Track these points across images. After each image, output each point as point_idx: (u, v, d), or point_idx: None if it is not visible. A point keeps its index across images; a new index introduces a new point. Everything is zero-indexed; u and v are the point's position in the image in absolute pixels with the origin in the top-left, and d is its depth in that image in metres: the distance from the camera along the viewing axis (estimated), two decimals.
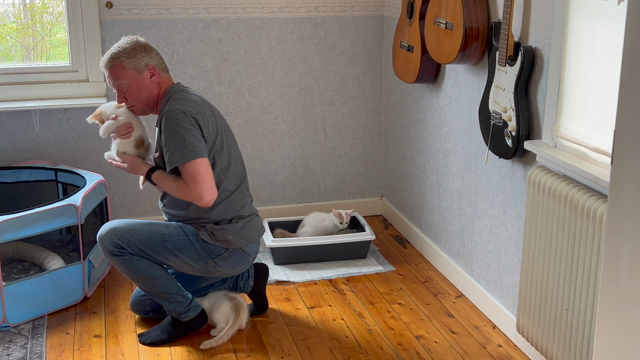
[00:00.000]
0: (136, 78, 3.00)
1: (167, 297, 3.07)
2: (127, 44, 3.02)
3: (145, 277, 3.03)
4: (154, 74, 3.03)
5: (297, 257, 3.86)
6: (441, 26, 3.30)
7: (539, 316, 2.79)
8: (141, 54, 3.01)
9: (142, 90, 3.03)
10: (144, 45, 3.04)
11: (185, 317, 3.12)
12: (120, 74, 3.00)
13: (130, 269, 3.01)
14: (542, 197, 2.70)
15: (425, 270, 3.84)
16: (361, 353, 3.08)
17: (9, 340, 3.14)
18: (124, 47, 3.01)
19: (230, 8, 4.10)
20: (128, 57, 2.99)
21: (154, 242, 3.00)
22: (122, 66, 2.99)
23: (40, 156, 4.01)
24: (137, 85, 3.01)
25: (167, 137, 2.93)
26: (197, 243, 3.04)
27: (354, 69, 4.38)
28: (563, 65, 2.70)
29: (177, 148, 2.90)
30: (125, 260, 2.99)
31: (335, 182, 4.52)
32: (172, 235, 3.03)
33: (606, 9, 2.46)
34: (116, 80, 3.01)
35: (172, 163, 2.93)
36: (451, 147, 3.62)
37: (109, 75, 3.03)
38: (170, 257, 3.03)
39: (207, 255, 3.06)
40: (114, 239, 2.97)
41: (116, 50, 3.01)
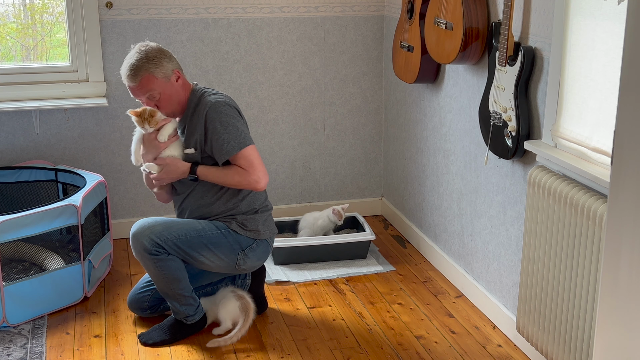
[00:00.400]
0: (166, 85, 2.98)
1: (181, 299, 3.08)
2: (149, 52, 2.96)
3: (171, 279, 3.03)
4: (179, 77, 3.03)
5: (297, 257, 3.86)
6: (441, 26, 3.30)
7: (539, 316, 2.79)
8: (165, 59, 2.98)
9: (173, 96, 3.02)
10: (163, 50, 3.02)
11: (192, 320, 3.13)
12: (152, 84, 2.96)
13: (161, 269, 3.00)
14: (542, 197, 2.70)
15: (425, 270, 3.84)
16: (361, 353, 3.08)
17: (9, 340, 3.14)
18: (147, 57, 2.95)
19: (230, 8, 4.10)
20: (156, 66, 2.95)
21: (191, 237, 3.02)
22: (152, 76, 2.95)
23: (40, 156, 4.01)
24: (169, 92, 3.00)
25: (219, 128, 2.98)
26: (229, 235, 3.08)
27: (354, 69, 4.38)
28: (563, 65, 2.70)
29: (231, 137, 2.98)
30: (160, 260, 2.98)
31: (335, 182, 4.52)
32: (206, 230, 3.05)
33: (606, 9, 2.46)
34: (147, 92, 2.97)
35: (228, 152, 2.99)
36: (451, 147, 3.62)
37: (137, 88, 2.97)
38: (205, 252, 3.04)
39: (239, 246, 3.10)
40: (153, 238, 2.96)
41: (140, 62, 2.94)
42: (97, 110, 4.04)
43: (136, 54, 2.97)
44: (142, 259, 3.02)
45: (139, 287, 3.29)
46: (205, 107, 3.01)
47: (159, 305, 3.29)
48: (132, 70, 2.95)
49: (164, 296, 3.12)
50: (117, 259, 3.94)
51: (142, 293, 3.26)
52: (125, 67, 2.98)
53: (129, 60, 2.97)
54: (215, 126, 2.98)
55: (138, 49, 2.99)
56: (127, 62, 2.98)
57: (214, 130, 2.99)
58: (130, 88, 3.00)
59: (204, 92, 3.07)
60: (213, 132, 2.99)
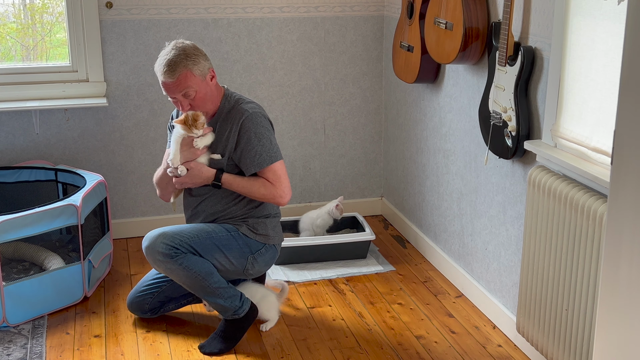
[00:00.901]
0: (202, 84, 2.95)
1: (221, 293, 3.03)
2: (186, 48, 2.93)
3: (203, 274, 2.97)
4: (214, 77, 3.01)
5: (297, 257, 3.86)
6: (441, 26, 3.30)
7: (539, 316, 2.79)
8: (202, 57, 2.96)
9: (208, 95, 2.99)
10: (199, 48, 2.99)
11: (242, 311, 3.08)
12: (189, 81, 2.92)
13: (188, 268, 2.94)
14: (542, 197, 2.70)
15: (425, 270, 3.84)
16: (361, 353, 3.08)
17: (9, 340, 3.14)
18: (185, 53, 2.91)
19: (230, 8, 4.10)
20: (194, 63, 2.92)
21: (202, 239, 3.00)
22: (191, 73, 2.91)
23: (40, 156, 4.01)
24: (204, 91, 2.97)
25: (253, 139, 2.97)
26: (239, 238, 3.07)
27: (354, 69, 4.38)
28: (563, 65, 2.70)
29: (264, 150, 2.98)
30: (183, 260, 2.93)
31: (335, 182, 4.52)
32: (216, 232, 3.04)
33: (606, 9, 2.46)
34: (184, 89, 2.92)
35: (259, 165, 2.99)
36: (451, 147, 3.62)
37: (174, 84, 2.91)
38: (216, 255, 3.02)
39: (248, 250, 3.09)
40: (166, 242, 2.92)
41: (177, 57, 2.90)
42: (97, 110, 4.04)
43: (173, 49, 2.93)
44: (165, 266, 2.94)
45: (140, 289, 3.27)
46: (242, 115, 2.98)
47: (160, 307, 3.28)
48: (170, 65, 2.90)
49: (206, 298, 3.04)
50: (117, 259, 3.95)
51: (143, 294, 3.24)
52: (162, 63, 2.92)
53: (165, 57, 2.92)
54: (250, 136, 2.97)
55: (174, 46, 2.94)
56: (163, 58, 2.93)
57: (248, 140, 2.97)
58: (166, 84, 2.93)
59: (238, 99, 3.05)
60: (247, 142, 2.97)
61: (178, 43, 2.96)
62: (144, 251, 2.98)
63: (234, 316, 3.09)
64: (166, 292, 3.23)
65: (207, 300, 3.06)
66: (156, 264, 2.97)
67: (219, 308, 3.07)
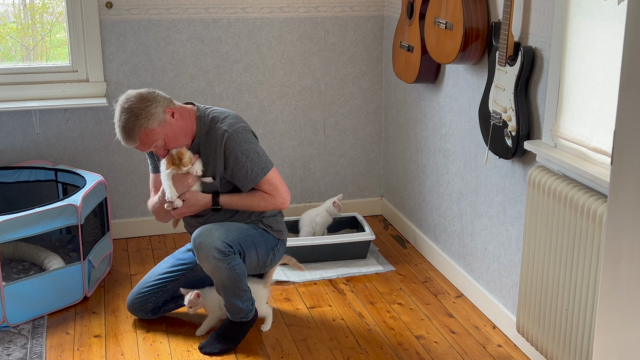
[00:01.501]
0: (165, 129, 2.90)
1: (243, 296, 3.05)
2: (133, 108, 2.84)
3: (240, 275, 2.99)
4: (174, 112, 2.93)
5: (297, 257, 3.84)
6: (441, 26, 3.30)
7: (539, 316, 2.79)
8: (152, 106, 2.86)
9: (177, 133, 2.94)
10: (145, 97, 2.88)
11: (251, 315, 3.11)
12: (152, 137, 2.88)
13: (233, 269, 2.96)
14: (542, 197, 2.70)
15: (425, 270, 3.84)
16: (361, 353, 3.08)
17: (9, 340, 3.14)
18: (134, 113, 2.83)
19: (230, 8, 4.10)
20: (147, 119, 2.84)
21: (244, 236, 3.02)
22: (149, 130, 2.86)
23: (40, 156, 4.01)
24: (172, 133, 2.92)
25: (240, 157, 2.96)
26: (264, 234, 3.12)
27: (354, 69, 4.38)
28: (563, 65, 2.70)
29: (254, 165, 2.99)
30: (231, 260, 2.95)
31: (335, 182, 4.52)
32: (249, 230, 3.06)
33: (606, 9, 2.46)
34: (151, 145, 2.90)
35: (253, 180, 3.00)
36: (451, 147, 3.62)
37: (140, 146, 2.89)
38: (252, 251, 3.06)
39: (270, 246, 3.13)
40: (223, 239, 2.93)
41: (129, 122, 2.83)
42: (97, 110, 4.04)
43: (122, 114, 2.85)
44: (216, 264, 2.93)
45: (142, 288, 3.25)
46: (222, 136, 2.96)
47: (162, 307, 3.28)
48: (127, 132, 2.85)
49: (230, 298, 3.03)
50: (117, 259, 3.95)
51: (146, 294, 3.22)
52: (119, 132, 2.87)
53: (119, 124, 2.86)
54: (237, 155, 2.97)
55: (121, 108, 2.86)
56: (118, 125, 2.87)
57: (235, 159, 2.97)
58: (136, 147, 2.91)
59: (213, 118, 3.01)
60: (235, 161, 2.97)
61: (124, 103, 2.86)
62: (196, 246, 2.95)
63: (243, 319, 3.10)
64: (170, 291, 3.23)
65: (230, 301, 3.04)
66: (208, 260, 2.94)
67: (234, 309, 3.07)
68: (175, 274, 3.24)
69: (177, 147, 2.97)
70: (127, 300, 3.31)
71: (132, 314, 3.32)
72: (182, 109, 3.00)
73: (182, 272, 3.24)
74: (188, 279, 3.23)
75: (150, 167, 3.22)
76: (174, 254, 3.37)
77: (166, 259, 3.35)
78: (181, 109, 2.99)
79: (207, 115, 3.02)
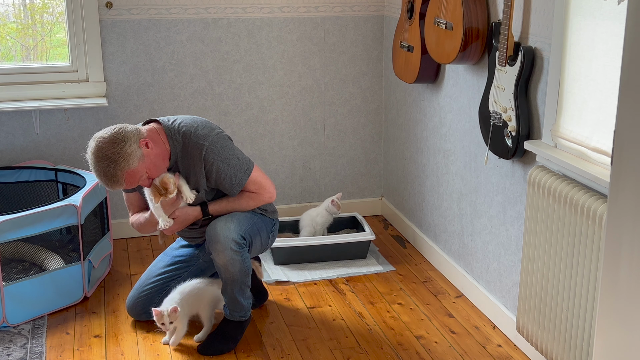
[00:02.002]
0: (145, 162, 2.88)
1: (246, 293, 3.08)
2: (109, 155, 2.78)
3: (248, 270, 3.04)
4: (147, 143, 2.89)
5: (297, 257, 3.86)
6: (441, 26, 3.30)
7: (539, 316, 2.79)
8: (126, 146, 2.80)
9: (156, 160, 2.92)
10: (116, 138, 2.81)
11: (249, 313, 3.14)
12: (136, 175, 2.86)
13: (244, 262, 3.00)
14: (542, 197, 2.70)
15: (425, 270, 3.84)
16: (361, 353, 3.08)
17: (9, 340, 3.14)
18: (112, 159, 2.78)
19: (230, 8, 4.10)
20: (125, 160, 2.80)
21: (251, 225, 3.07)
22: (130, 170, 2.83)
23: (40, 156, 4.01)
24: (152, 163, 2.90)
25: (222, 167, 2.98)
26: (263, 218, 3.16)
27: (354, 69, 4.38)
28: (563, 65, 2.70)
29: (237, 170, 3.02)
30: (243, 253, 3.00)
31: (335, 182, 4.52)
32: (253, 217, 3.10)
33: (606, 9, 2.46)
34: (137, 181, 2.89)
35: (239, 185, 3.04)
36: (451, 147, 3.62)
37: (126, 186, 2.88)
38: (256, 238, 3.10)
39: (268, 228, 3.18)
40: (239, 232, 2.97)
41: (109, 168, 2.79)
42: (97, 110, 4.04)
43: (99, 163, 2.80)
44: (231, 256, 2.95)
45: (141, 291, 3.23)
46: (200, 150, 2.95)
47: None
48: (110, 179, 2.82)
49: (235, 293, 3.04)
50: (117, 259, 3.95)
51: (149, 292, 3.20)
52: (102, 179, 2.84)
53: (99, 172, 2.82)
54: (218, 165, 2.98)
55: (96, 157, 2.80)
56: (98, 174, 2.83)
57: (217, 169, 2.98)
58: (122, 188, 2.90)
59: (184, 133, 2.97)
60: (217, 171, 2.98)
61: (97, 152, 2.80)
62: (213, 239, 2.96)
63: (241, 318, 3.11)
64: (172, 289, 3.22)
65: (235, 297, 3.05)
66: (225, 253, 2.95)
67: (236, 306, 3.08)
68: (175, 272, 3.25)
69: (159, 173, 2.95)
70: (127, 303, 3.29)
71: (133, 316, 3.29)
72: (152, 133, 2.95)
73: (183, 269, 3.25)
74: (190, 274, 3.24)
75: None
76: (167, 251, 3.37)
77: (160, 258, 3.35)
78: (151, 135, 2.94)
79: (178, 131, 2.99)
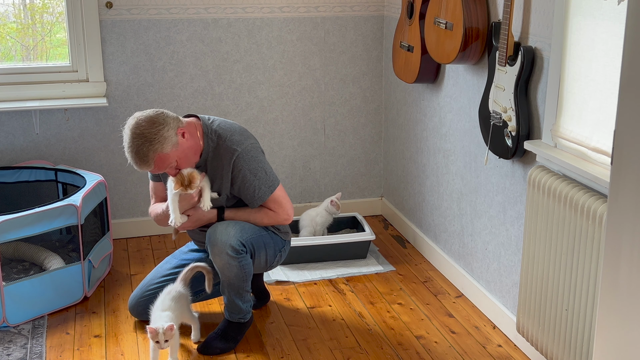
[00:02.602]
0: (178, 151, 2.88)
1: (245, 296, 3.08)
2: (145, 133, 2.80)
3: (248, 275, 3.03)
4: (184, 133, 2.90)
5: (297, 257, 3.86)
6: (441, 26, 3.30)
7: (539, 316, 2.79)
8: (164, 129, 2.82)
9: (189, 152, 2.93)
10: (155, 120, 2.83)
11: (249, 315, 3.14)
12: (167, 161, 2.86)
13: (243, 268, 2.99)
14: (542, 197, 2.70)
15: (425, 270, 3.84)
16: (361, 353, 3.08)
17: (9, 340, 3.14)
18: (147, 139, 2.79)
19: (230, 8, 4.10)
20: (160, 143, 2.81)
21: (256, 237, 3.06)
22: (163, 154, 2.83)
23: (40, 156, 4.01)
24: (184, 154, 2.90)
25: (248, 176, 2.99)
26: (273, 236, 3.16)
27: (354, 69, 4.38)
28: (563, 65, 2.70)
29: (262, 183, 3.02)
30: (242, 259, 2.98)
31: (335, 182, 4.52)
32: (261, 230, 3.09)
33: (606, 9, 2.46)
34: (166, 167, 2.88)
35: (261, 198, 3.04)
36: (451, 147, 3.62)
37: (155, 169, 2.86)
38: (261, 251, 3.09)
39: (278, 247, 3.18)
40: (238, 238, 2.96)
41: (143, 147, 2.79)
42: (97, 110, 4.04)
43: (134, 139, 2.80)
44: (227, 261, 2.95)
45: (145, 291, 3.21)
46: (232, 155, 2.97)
47: None
48: (140, 157, 2.81)
49: (233, 296, 3.05)
50: (117, 259, 3.95)
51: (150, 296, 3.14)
52: (132, 157, 2.83)
53: (131, 149, 2.82)
54: (245, 174, 2.99)
55: (133, 133, 2.81)
56: (130, 150, 2.82)
57: (243, 178, 2.99)
58: (150, 170, 2.89)
59: (220, 135, 2.99)
60: (243, 180, 3.00)
61: (135, 129, 2.81)
62: (211, 241, 2.97)
63: (240, 320, 3.11)
64: None
65: (233, 300, 3.06)
66: (220, 257, 2.96)
67: (235, 309, 3.08)
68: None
69: (188, 166, 2.96)
70: (130, 302, 3.28)
71: (135, 316, 3.29)
72: (190, 126, 2.97)
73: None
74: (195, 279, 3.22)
75: (150, 174, 3.22)
76: (175, 254, 3.36)
77: (168, 260, 3.33)
78: (189, 127, 2.95)
79: (214, 131, 3.01)
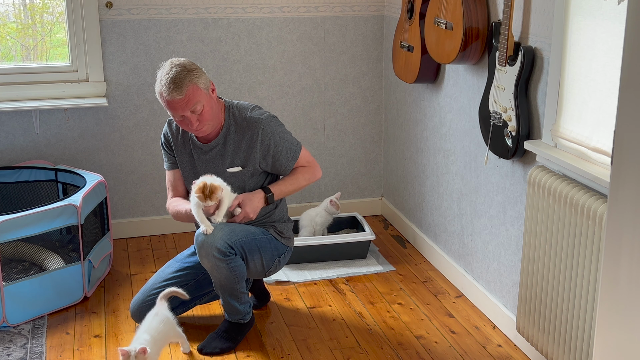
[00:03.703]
0: (208, 97, 2.92)
1: (241, 298, 3.07)
2: (186, 64, 2.89)
3: (240, 277, 3.01)
4: (214, 89, 2.98)
5: (297, 257, 3.85)
6: (441, 26, 3.30)
7: (539, 316, 2.79)
8: (202, 72, 2.92)
9: (214, 108, 2.97)
10: (195, 63, 2.95)
11: (248, 317, 3.13)
12: (197, 96, 2.87)
13: (233, 270, 2.97)
14: (542, 197, 2.70)
15: (425, 270, 3.84)
16: (361, 353, 3.08)
17: (9, 340, 3.14)
18: (187, 69, 2.87)
19: (230, 8, 4.10)
20: (197, 77, 2.87)
21: (249, 240, 3.03)
22: (197, 87, 2.86)
23: (40, 156, 4.01)
24: (210, 104, 2.94)
25: (279, 142, 3.06)
26: (272, 241, 3.13)
27: (354, 69, 4.38)
28: (563, 65, 2.70)
29: (291, 144, 3.11)
30: (231, 261, 2.95)
31: (335, 182, 4.52)
32: (257, 234, 3.08)
33: (606, 9, 2.46)
34: (193, 104, 2.88)
35: (295, 157, 3.12)
36: (451, 147, 3.62)
37: (184, 100, 2.85)
38: (256, 255, 3.07)
39: (277, 253, 3.15)
40: (225, 240, 2.93)
41: (181, 74, 2.85)
42: (97, 110, 4.04)
43: (173, 68, 2.87)
44: (215, 263, 2.93)
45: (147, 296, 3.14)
46: (258, 126, 3.01)
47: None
48: (176, 82, 2.84)
49: (228, 298, 3.04)
50: (117, 259, 3.95)
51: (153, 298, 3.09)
52: (165, 82, 2.85)
53: (167, 76, 2.86)
54: (277, 140, 3.05)
55: (172, 64, 2.89)
56: (165, 77, 2.86)
57: (275, 145, 3.04)
58: (174, 102, 2.87)
59: (241, 109, 3.07)
60: (275, 146, 3.04)
61: (175, 61, 2.91)
62: (198, 243, 2.95)
63: (240, 320, 3.11)
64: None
65: (227, 301, 3.05)
66: (207, 258, 2.95)
67: (232, 310, 3.08)
68: (183, 278, 3.19)
69: (209, 123, 2.96)
70: (132, 307, 3.19)
71: (137, 321, 3.14)
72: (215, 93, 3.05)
73: (191, 276, 3.20)
74: (198, 282, 3.22)
75: (166, 164, 3.20)
76: (177, 257, 3.30)
77: (170, 264, 3.27)
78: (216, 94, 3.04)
79: (234, 106, 3.09)
